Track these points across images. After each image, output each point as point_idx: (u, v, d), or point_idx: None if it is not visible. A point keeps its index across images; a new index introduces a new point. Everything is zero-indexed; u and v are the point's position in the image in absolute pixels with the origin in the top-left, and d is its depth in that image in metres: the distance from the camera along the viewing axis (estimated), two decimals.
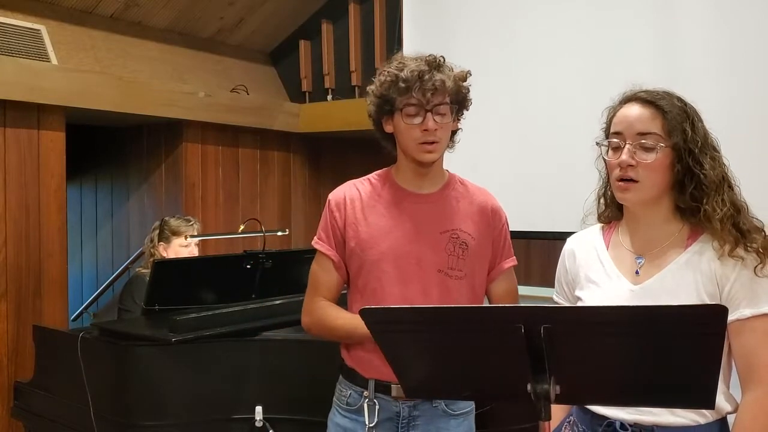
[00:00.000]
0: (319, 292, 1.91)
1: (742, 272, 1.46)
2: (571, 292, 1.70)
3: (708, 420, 1.48)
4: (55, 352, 3.02)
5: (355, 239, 1.86)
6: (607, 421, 1.53)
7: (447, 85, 1.79)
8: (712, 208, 1.48)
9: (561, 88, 3.81)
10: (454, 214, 1.88)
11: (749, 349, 1.46)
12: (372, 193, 1.90)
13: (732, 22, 3.35)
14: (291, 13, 5.19)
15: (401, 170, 1.91)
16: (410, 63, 1.79)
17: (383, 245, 1.83)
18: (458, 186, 1.95)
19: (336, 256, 1.89)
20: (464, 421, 1.90)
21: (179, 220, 3.61)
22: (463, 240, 1.85)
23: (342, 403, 1.91)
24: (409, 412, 1.84)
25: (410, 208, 1.87)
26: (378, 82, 1.84)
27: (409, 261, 1.83)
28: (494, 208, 1.95)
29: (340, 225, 1.88)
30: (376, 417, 1.82)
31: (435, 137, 1.80)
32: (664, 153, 1.49)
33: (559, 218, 3.49)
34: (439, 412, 1.85)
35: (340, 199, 1.90)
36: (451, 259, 1.84)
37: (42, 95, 3.71)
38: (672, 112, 1.50)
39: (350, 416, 1.88)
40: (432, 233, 1.85)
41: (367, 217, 1.87)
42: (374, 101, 1.85)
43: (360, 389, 1.86)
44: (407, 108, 1.79)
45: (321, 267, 1.92)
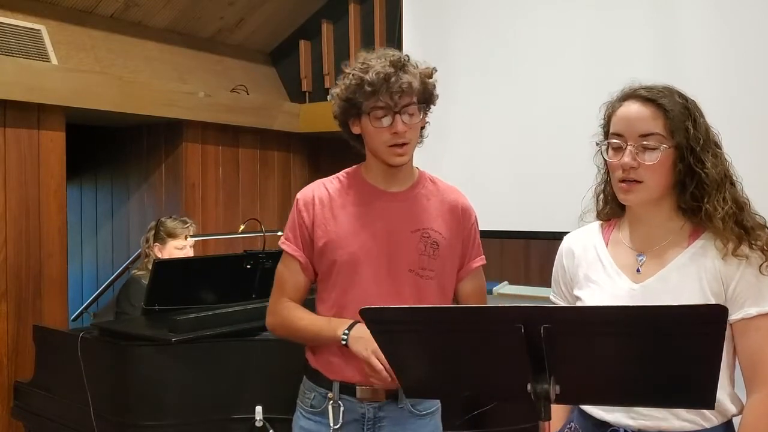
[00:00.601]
0: (285, 293, 1.88)
1: (747, 271, 1.44)
2: (569, 292, 1.67)
3: (713, 423, 1.46)
4: (55, 352, 3.02)
5: (324, 239, 1.82)
6: (610, 428, 1.51)
7: (414, 86, 1.75)
8: (713, 206, 1.45)
9: (561, 88, 3.81)
10: (425, 213, 1.85)
11: (754, 349, 1.44)
12: (341, 191, 1.87)
13: (732, 22, 3.35)
14: (291, 13, 5.19)
15: (371, 169, 1.88)
16: (375, 64, 1.73)
17: (354, 245, 1.80)
18: (428, 184, 1.92)
19: (303, 257, 1.85)
20: (430, 421, 1.88)
21: (175, 221, 3.58)
22: (434, 239, 1.83)
23: (306, 405, 1.87)
24: (374, 414, 1.81)
25: (381, 207, 1.84)
26: (343, 84, 1.79)
27: (380, 261, 1.80)
28: (464, 207, 1.92)
29: (308, 225, 1.84)
30: (341, 419, 1.79)
31: (405, 138, 1.77)
32: (666, 153, 1.46)
33: (559, 218, 3.48)
34: (405, 412, 1.82)
35: (308, 199, 1.86)
36: (422, 259, 1.81)
37: (42, 95, 3.71)
38: (674, 111, 1.47)
39: (314, 418, 1.84)
40: (403, 232, 1.82)
41: (336, 216, 1.83)
42: (339, 104, 1.81)
43: (324, 391, 1.83)
44: (375, 111, 1.75)
45: (287, 268, 1.88)
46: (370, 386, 1.78)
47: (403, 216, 1.84)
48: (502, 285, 3.96)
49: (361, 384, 1.79)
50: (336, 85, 1.83)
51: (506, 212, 3.99)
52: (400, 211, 1.84)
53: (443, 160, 4.12)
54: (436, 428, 1.90)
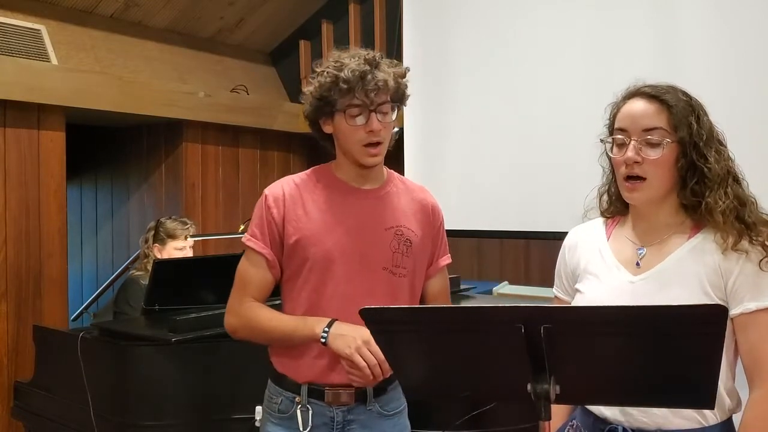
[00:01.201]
0: (248, 292, 1.80)
1: (746, 266, 1.44)
2: (570, 286, 1.67)
3: (712, 422, 1.46)
4: (55, 352, 3.01)
5: (296, 235, 1.76)
6: (609, 426, 1.51)
7: (389, 84, 1.73)
8: (714, 200, 1.46)
9: (561, 88, 3.81)
10: (398, 211, 1.84)
11: (754, 345, 1.44)
12: (312, 188, 1.82)
13: (732, 22, 3.35)
14: (291, 13, 5.19)
15: (342, 167, 1.84)
16: (349, 62, 1.72)
17: (328, 242, 1.76)
18: (398, 183, 1.90)
19: (270, 254, 1.78)
20: (399, 420, 1.86)
21: (175, 222, 3.58)
22: (408, 237, 1.81)
23: (273, 410, 1.82)
24: (343, 417, 1.77)
25: (353, 204, 1.81)
26: (317, 82, 1.76)
27: (354, 258, 1.76)
28: (434, 206, 1.91)
29: (277, 221, 1.78)
30: (310, 422, 1.75)
31: (380, 137, 1.75)
32: (670, 148, 1.47)
33: (559, 218, 3.49)
34: (374, 414, 1.79)
35: (278, 195, 1.80)
36: (396, 257, 1.79)
37: (42, 95, 3.71)
38: (677, 106, 1.48)
39: (283, 424, 1.80)
40: (376, 230, 1.79)
41: (309, 212, 1.78)
42: (312, 102, 1.78)
43: (292, 395, 1.78)
44: (350, 109, 1.73)
45: (252, 265, 1.80)
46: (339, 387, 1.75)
47: (376, 213, 1.81)
48: (502, 285, 3.96)
49: (330, 383, 1.76)
50: (309, 83, 1.81)
51: (506, 212, 3.99)
52: (373, 208, 1.82)
53: (443, 160, 4.12)
54: (404, 427, 1.88)
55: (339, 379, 1.75)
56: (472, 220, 4.05)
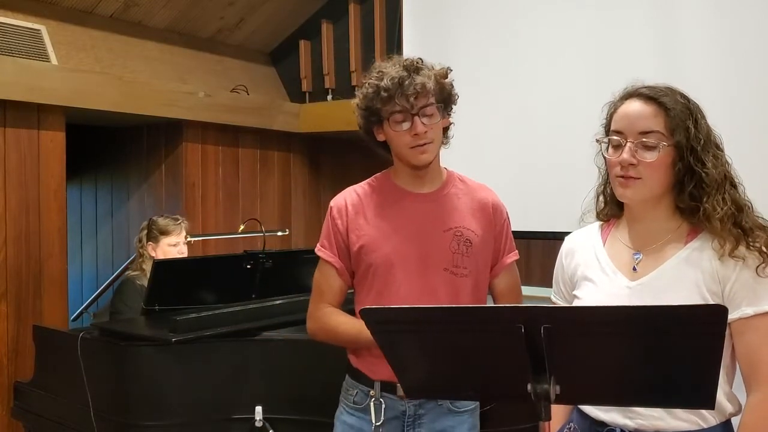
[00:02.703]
0: (324, 299, 1.92)
1: (743, 272, 1.43)
2: (568, 292, 1.67)
3: (711, 424, 1.45)
4: (55, 352, 3.02)
5: (359, 243, 1.86)
6: (607, 428, 1.51)
7: (428, 87, 1.80)
8: (712, 206, 1.45)
9: (561, 88, 3.81)
10: (456, 212, 1.89)
11: (752, 349, 1.43)
12: (373, 196, 1.91)
13: (732, 22, 3.35)
14: (291, 13, 5.19)
15: (399, 172, 1.92)
16: (389, 70, 1.80)
17: (387, 247, 1.84)
18: (458, 183, 1.96)
19: (339, 262, 1.90)
20: (469, 418, 1.92)
21: (167, 219, 3.60)
22: (467, 237, 1.86)
23: (349, 401, 1.92)
24: (414, 411, 1.86)
25: (412, 208, 1.88)
26: (361, 94, 1.85)
27: (414, 261, 1.84)
28: (495, 204, 1.96)
29: (342, 231, 1.89)
30: (382, 416, 1.84)
31: (426, 139, 1.82)
32: (666, 152, 1.46)
33: (559, 218, 3.48)
34: (444, 410, 1.87)
35: (341, 206, 1.91)
36: (456, 257, 1.85)
37: (42, 95, 3.71)
38: (675, 110, 1.46)
39: (357, 414, 1.90)
40: (435, 232, 1.86)
41: (369, 220, 1.88)
42: (361, 113, 1.87)
43: (366, 389, 1.88)
44: (394, 116, 1.80)
45: (324, 274, 1.93)
46: None
47: (434, 216, 1.88)
48: None
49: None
50: (356, 96, 1.89)
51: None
52: (431, 211, 1.88)
53: (443, 160, 4.12)
54: (473, 426, 1.93)
55: None
56: None
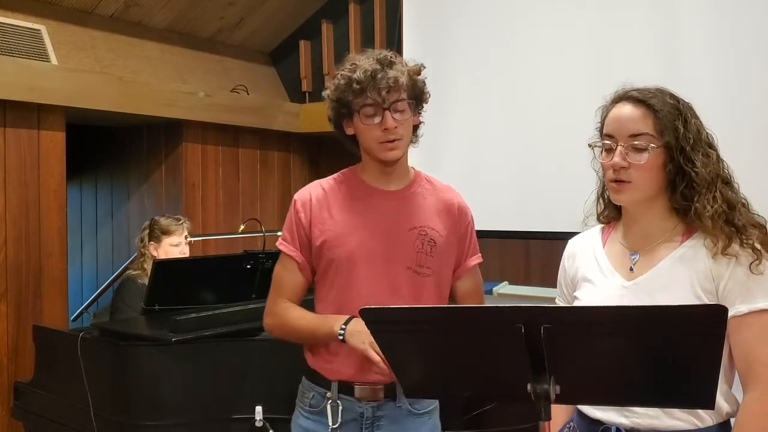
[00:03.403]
0: (283, 294, 1.88)
1: (736, 269, 1.44)
2: (570, 294, 1.69)
3: (708, 423, 1.46)
4: (55, 352, 3.01)
5: (322, 237, 1.83)
6: (603, 426, 1.52)
7: (401, 81, 1.77)
8: (702, 205, 1.46)
9: (561, 88, 3.81)
10: (422, 211, 1.87)
11: (747, 347, 1.44)
12: (338, 191, 1.88)
13: (732, 22, 3.35)
14: (291, 13, 5.19)
15: (367, 168, 1.89)
16: (362, 63, 1.77)
17: (351, 243, 1.81)
18: (425, 183, 1.93)
19: (300, 257, 1.86)
20: (429, 420, 1.88)
21: (169, 219, 3.61)
22: (432, 237, 1.84)
23: (305, 405, 1.88)
24: (372, 413, 1.81)
25: (378, 205, 1.85)
26: (333, 86, 1.82)
27: (378, 258, 1.81)
28: (461, 206, 1.94)
29: (305, 225, 1.85)
30: (339, 418, 1.80)
31: (396, 134, 1.78)
32: (655, 153, 1.48)
33: (559, 218, 3.50)
34: (404, 411, 1.83)
35: (305, 199, 1.87)
36: (419, 256, 1.82)
37: (42, 95, 3.71)
38: (663, 111, 1.48)
39: (313, 418, 1.85)
40: (400, 230, 1.83)
41: (333, 215, 1.84)
42: (332, 105, 1.83)
43: (323, 390, 1.84)
44: (365, 109, 1.77)
45: (285, 268, 1.89)
46: (369, 384, 1.80)
47: (400, 214, 1.85)
48: (502, 285, 3.96)
49: (360, 382, 1.80)
50: (327, 87, 1.86)
51: (506, 212, 3.99)
52: (397, 209, 1.85)
53: (443, 160, 4.12)
54: (434, 427, 1.90)
55: (368, 377, 1.79)
56: None
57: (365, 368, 1.77)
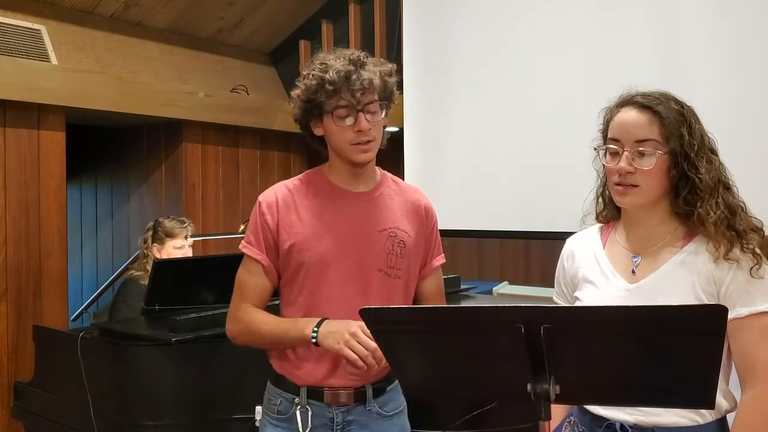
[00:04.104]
0: (247, 298, 1.82)
1: (737, 274, 1.47)
2: (569, 293, 1.70)
3: (708, 420, 1.49)
4: (55, 352, 3.01)
5: (290, 241, 1.78)
6: (606, 422, 1.53)
7: (375, 83, 1.72)
8: (706, 211, 1.48)
9: (561, 89, 3.81)
10: (390, 213, 1.84)
11: (747, 348, 1.47)
12: (305, 192, 1.83)
13: (732, 22, 3.35)
14: (291, 13, 5.19)
15: (335, 169, 1.84)
16: (334, 63, 1.71)
17: (321, 246, 1.77)
18: (391, 184, 1.90)
19: (266, 260, 1.80)
20: (398, 421, 1.86)
21: (173, 221, 3.58)
22: (401, 238, 1.82)
23: (272, 411, 1.83)
24: (343, 418, 1.78)
25: (347, 207, 1.81)
26: (303, 86, 1.76)
27: (348, 261, 1.77)
28: (427, 207, 1.92)
29: (272, 227, 1.80)
30: (309, 423, 1.76)
31: (369, 136, 1.75)
32: (661, 159, 1.50)
33: (559, 218, 3.50)
34: (374, 414, 1.80)
35: (271, 201, 1.82)
36: (390, 258, 1.79)
37: (42, 95, 3.71)
38: (669, 117, 1.50)
39: (282, 425, 1.80)
40: (370, 232, 1.80)
41: (302, 217, 1.79)
42: (301, 105, 1.78)
43: (291, 396, 1.79)
44: (338, 110, 1.72)
45: (249, 272, 1.83)
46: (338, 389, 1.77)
47: (369, 216, 1.82)
48: (502, 285, 3.96)
49: (330, 387, 1.77)
50: (296, 87, 1.81)
51: (506, 212, 3.99)
52: (366, 210, 1.82)
53: (443, 160, 4.12)
54: (403, 428, 1.88)
55: (338, 382, 1.76)
56: (472, 220, 4.05)
57: (336, 371, 1.74)
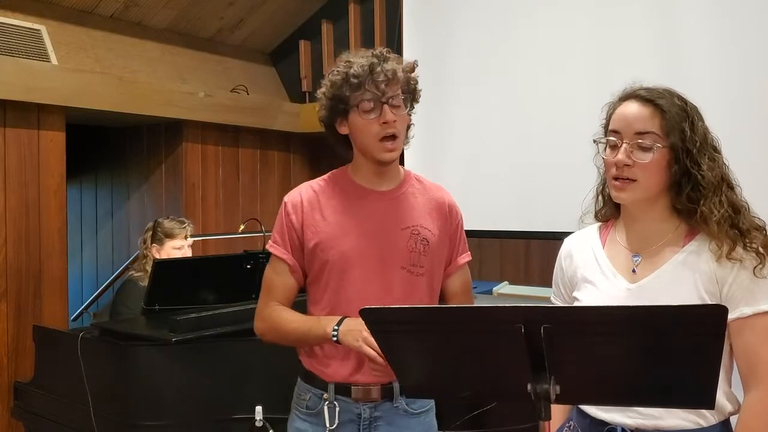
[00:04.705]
0: (273, 297, 1.86)
1: (741, 273, 1.45)
2: (568, 294, 1.68)
3: (710, 422, 1.47)
4: (55, 352, 3.02)
5: (314, 240, 1.82)
6: (607, 426, 1.52)
7: (398, 75, 1.77)
8: (709, 209, 1.47)
9: (561, 88, 3.81)
10: (414, 211, 1.87)
11: (750, 348, 1.45)
12: (330, 192, 1.87)
13: (732, 22, 3.35)
14: (291, 13, 5.19)
15: (359, 169, 1.88)
16: (358, 59, 1.77)
17: (345, 244, 1.80)
18: (415, 182, 1.93)
19: (292, 259, 1.85)
20: (425, 419, 1.88)
21: (173, 221, 3.59)
22: (424, 236, 1.84)
23: (301, 407, 1.87)
24: (370, 413, 1.81)
25: (370, 206, 1.85)
26: (329, 83, 1.80)
27: (371, 259, 1.80)
28: (451, 204, 1.94)
29: (297, 227, 1.84)
30: (337, 419, 1.79)
31: (395, 129, 1.77)
32: (661, 153, 1.48)
33: (559, 218, 3.49)
34: (401, 411, 1.83)
35: (296, 201, 1.86)
36: (413, 256, 1.82)
37: (42, 95, 3.71)
38: (671, 112, 1.48)
39: (310, 420, 1.84)
40: (393, 230, 1.83)
41: (326, 217, 1.83)
42: (326, 104, 1.82)
43: (320, 392, 1.83)
44: (363, 103, 1.76)
45: (275, 271, 1.88)
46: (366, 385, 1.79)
47: (392, 214, 1.84)
48: (502, 285, 3.96)
49: (357, 383, 1.80)
50: (321, 86, 1.84)
51: (506, 212, 3.99)
52: (390, 209, 1.85)
53: (443, 160, 4.12)
54: (430, 426, 1.91)
55: (365, 379, 1.79)
56: (472, 220, 4.00)
57: (362, 368, 1.77)
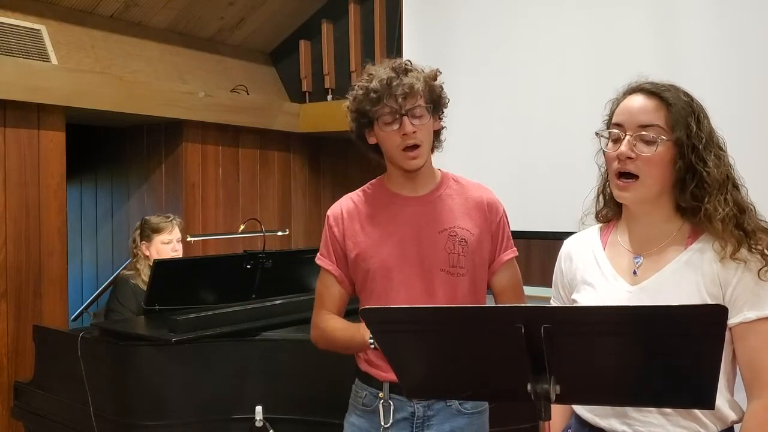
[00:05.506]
0: (324, 306, 1.95)
1: (745, 275, 1.41)
2: (567, 296, 1.65)
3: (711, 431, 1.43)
4: (55, 352, 3.02)
5: (356, 250, 1.89)
6: None
7: (416, 88, 1.82)
8: (714, 207, 1.42)
9: (561, 88, 3.81)
10: (450, 213, 1.91)
11: (754, 353, 1.41)
12: (367, 202, 1.95)
13: (732, 22, 3.35)
14: (291, 13, 5.19)
15: (392, 176, 1.95)
16: (378, 72, 1.84)
17: (383, 252, 1.87)
18: (452, 184, 1.98)
19: (337, 270, 1.93)
20: (478, 420, 1.92)
21: (159, 217, 3.62)
22: (462, 237, 1.88)
23: (358, 404, 1.94)
24: (423, 412, 1.87)
25: (406, 212, 1.91)
26: (351, 97, 1.90)
27: (411, 264, 1.86)
28: (490, 202, 1.98)
29: (339, 239, 1.92)
30: (391, 417, 1.86)
31: (416, 140, 1.83)
32: (665, 147, 1.44)
33: (559, 218, 3.49)
34: (453, 411, 1.88)
35: (337, 214, 1.95)
36: (452, 257, 1.86)
37: (42, 95, 3.71)
38: (677, 105, 1.45)
39: (366, 416, 1.91)
40: (430, 234, 1.88)
41: (364, 226, 1.91)
42: (352, 116, 1.91)
43: (375, 390, 1.89)
44: (383, 117, 1.83)
45: (324, 283, 1.97)
46: None
47: (428, 218, 1.90)
48: None
49: None
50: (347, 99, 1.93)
51: (507, 212, 3.98)
52: (425, 213, 1.90)
53: (444, 161, 4.12)
54: (482, 427, 1.94)
55: None
56: None
57: None
